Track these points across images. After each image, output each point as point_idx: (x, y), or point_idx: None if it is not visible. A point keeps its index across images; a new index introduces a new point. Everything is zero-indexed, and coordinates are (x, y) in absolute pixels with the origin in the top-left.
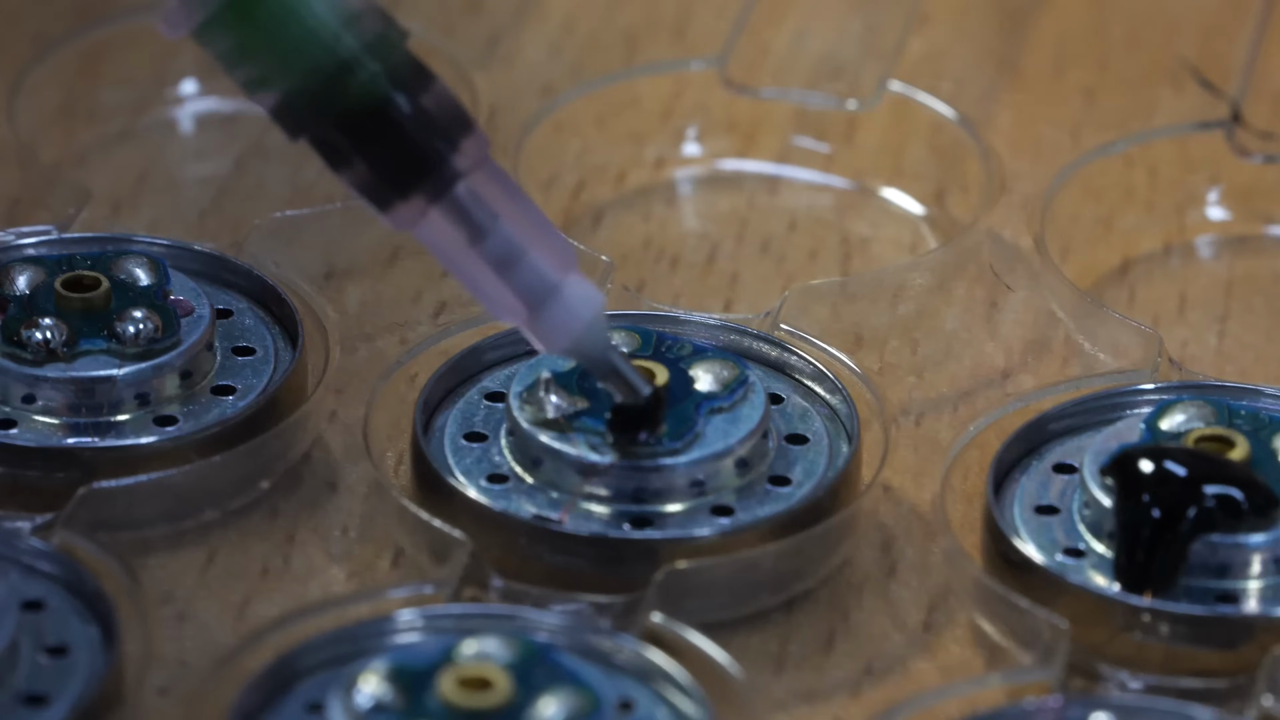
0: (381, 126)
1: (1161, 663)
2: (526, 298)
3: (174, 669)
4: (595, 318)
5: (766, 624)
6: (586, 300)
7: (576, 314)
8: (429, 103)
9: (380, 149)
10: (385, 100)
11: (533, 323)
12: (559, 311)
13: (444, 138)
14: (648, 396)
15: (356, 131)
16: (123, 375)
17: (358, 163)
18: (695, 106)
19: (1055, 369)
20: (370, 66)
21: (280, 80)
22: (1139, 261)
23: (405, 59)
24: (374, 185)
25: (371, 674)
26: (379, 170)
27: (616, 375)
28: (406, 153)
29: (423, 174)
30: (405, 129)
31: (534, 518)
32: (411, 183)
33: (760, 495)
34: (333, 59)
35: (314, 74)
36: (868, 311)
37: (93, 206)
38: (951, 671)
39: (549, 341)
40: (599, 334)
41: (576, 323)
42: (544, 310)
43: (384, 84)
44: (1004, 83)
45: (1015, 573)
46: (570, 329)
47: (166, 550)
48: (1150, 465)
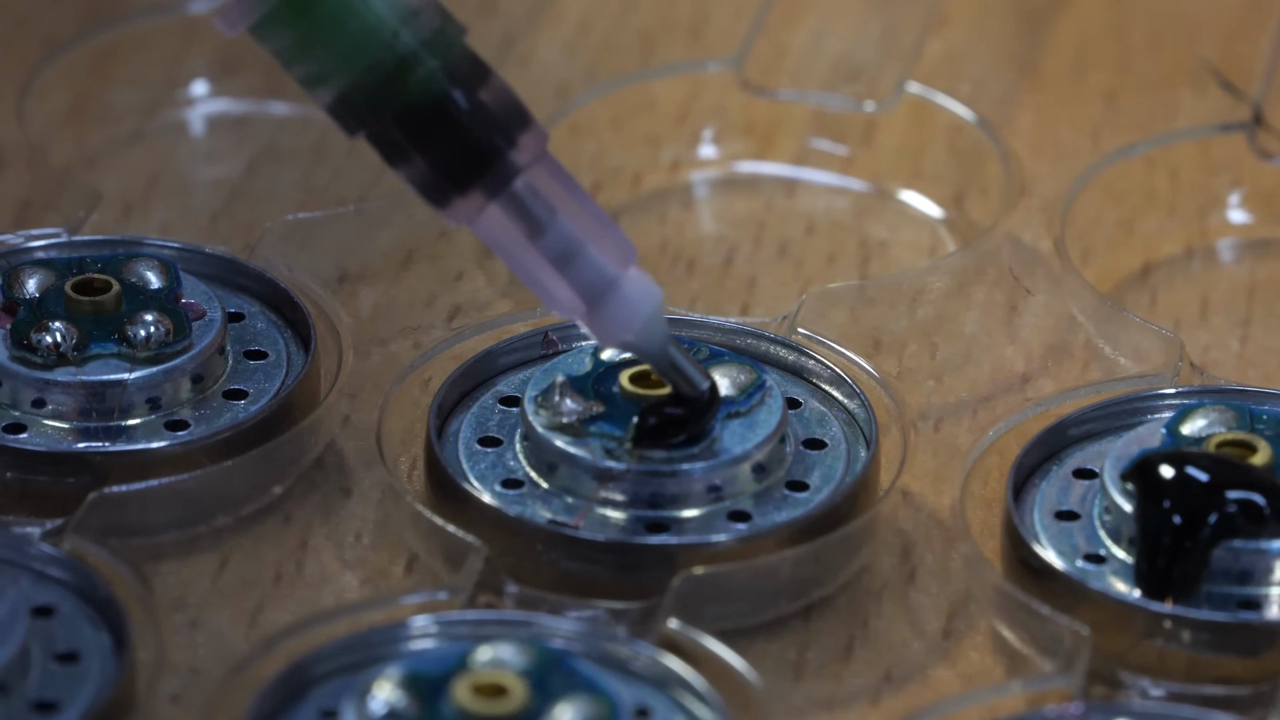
0: (440, 122)
1: (1184, 670)
2: (585, 292)
3: (186, 676)
4: (654, 312)
5: (785, 631)
6: (645, 294)
7: (636, 308)
8: (487, 98)
9: (439, 145)
10: (443, 96)
11: (591, 317)
12: (618, 306)
13: (502, 133)
14: (707, 390)
15: (415, 127)
16: (133, 379)
17: (416, 159)
18: (712, 108)
19: (1075, 373)
20: (428, 63)
21: (338, 77)
22: (1160, 265)
23: (463, 54)
24: (432, 181)
25: (385, 680)
26: (437, 166)
27: (675, 369)
28: (465, 148)
29: (481, 169)
30: (463, 124)
31: (549, 523)
32: (470, 178)
33: (778, 501)
34: (391, 55)
35: (372, 70)
36: (886, 315)
37: (103, 209)
38: (972, 679)
39: (608, 335)
40: (658, 328)
41: (636, 317)
42: (603, 305)
43: (442, 80)
44: (1024, 84)
45: (1035, 579)
46: (630, 323)
47: (178, 556)
48: (1171, 470)
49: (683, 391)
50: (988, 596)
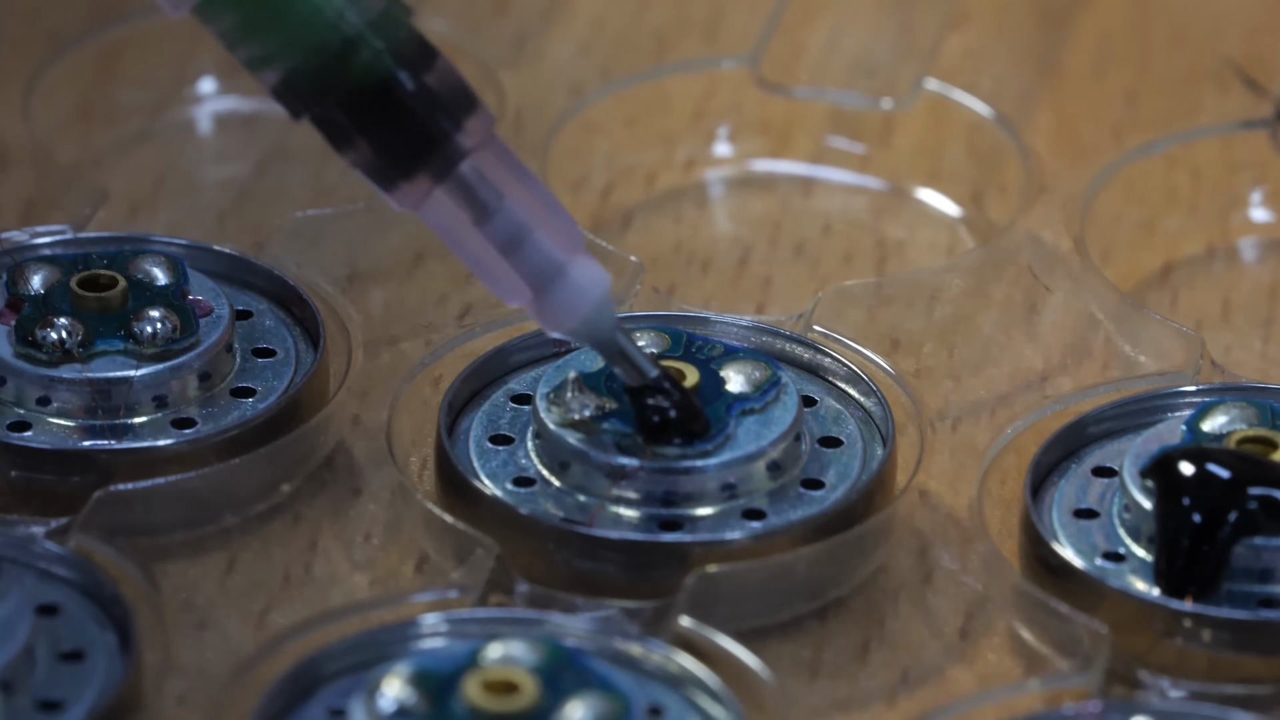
0: (385, 105)
1: (1204, 669)
2: (532, 278)
3: (193, 676)
4: (602, 298)
5: (800, 631)
6: (593, 280)
7: (584, 294)
8: (433, 80)
9: (384, 128)
10: (389, 78)
11: (538, 304)
12: (565, 292)
13: (448, 116)
14: (655, 378)
15: (360, 110)
16: (140, 376)
17: (361, 142)
18: (727, 106)
19: (1095, 372)
20: (373, 44)
21: (282, 58)
22: (1181, 265)
23: (409, 36)
24: (378, 165)
25: (394, 677)
26: (382, 150)
27: (623, 357)
28: (410, 131)
29: (427, 153)
30: (409, 107)
31: (561, 521)
32: (416, 162)
33: (793, 499)
34: (336, 36)
35: (316, 52)
36: (904, 314)
37: (110, 209)
38: (989, 680)
39: (555, 322)
40: (606, 315)
41: (583, 303)
42: (550, 291)
43: (387, 61)
44: (1044, 82)
45: (1054, 578)
46: (577, 309)
47: (186, 556)
48: (1191, 467)
49: (631, 381)
50: (1006, 596)
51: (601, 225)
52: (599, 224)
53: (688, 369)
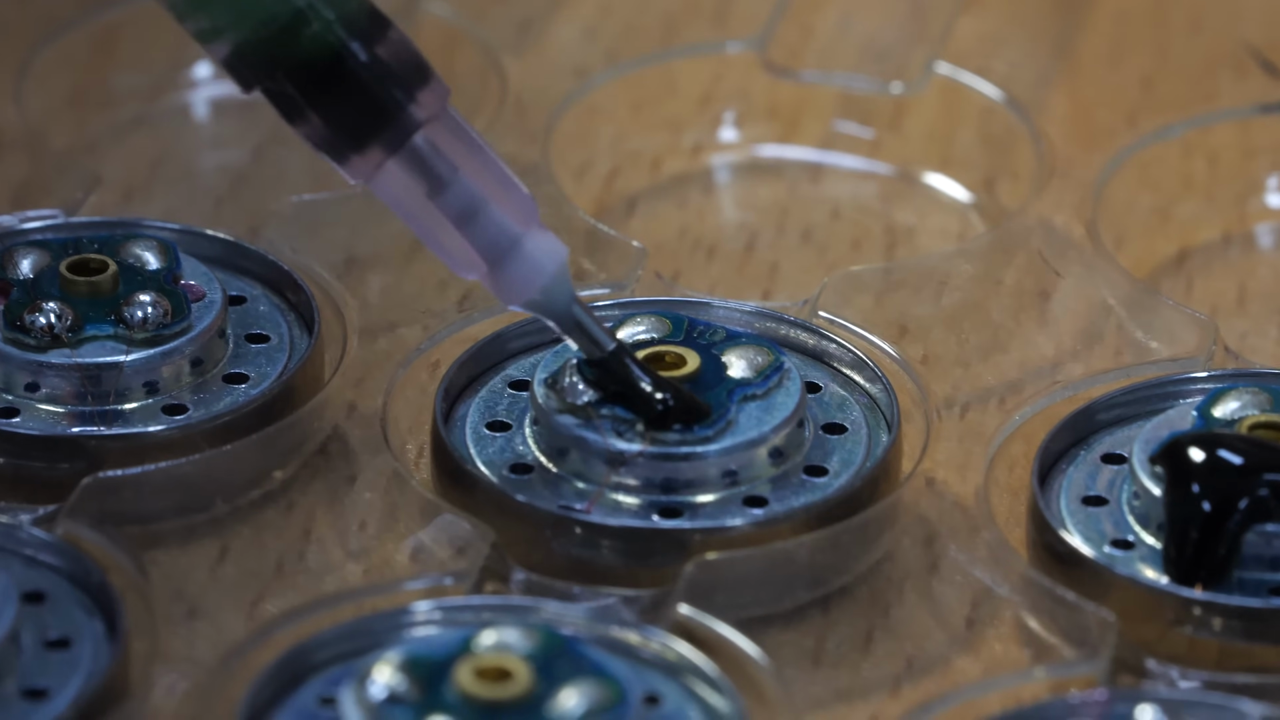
0: (336, 76)
1: (1214, 659)
2: (487, 251)
3: (182, 665)
4: (558, 270)
5: (802, 620)
6: (549, 253)
7: (539, 267)
8: (385, 51)
9: (335, 100)
10: (339, 49)
11: (494, 277)
12: (521, 265)
13: (401, 87)
14: (612, 351)
15: (310, 82)
16: (130, 362)
17: (312, 115)
18: (734, 90)
19: (1107, 358)
20: (324, 14)
21: (232, 30)
22: (1197, 252)
23: (360, 6)
24: (329, 137)
25: (385, 664)
26: (334, 122)
27: (580, 330)
28: (362, 103)
29: (379, 125)
30: (360, 79)
31: (559, 508)
32: (368, 134)
33: (795, 485)
34: (285, 7)
35: (266, 24)
36: (912, 300)
37: (103, 194)
38: (995, 669)
39: (510, 295)
40: (562, 287)
41: (539, 276)
42: (505, 264)
43: (338, 32)
44: (1058, 66)
45: (1061, 566)
46: (532, 282)
47: (176, 544)
48: (1202, 453)
49: (589, 354)
50: (1013, 585)
51: (606, 211)
52: (603, 210)
53: (688, 354)
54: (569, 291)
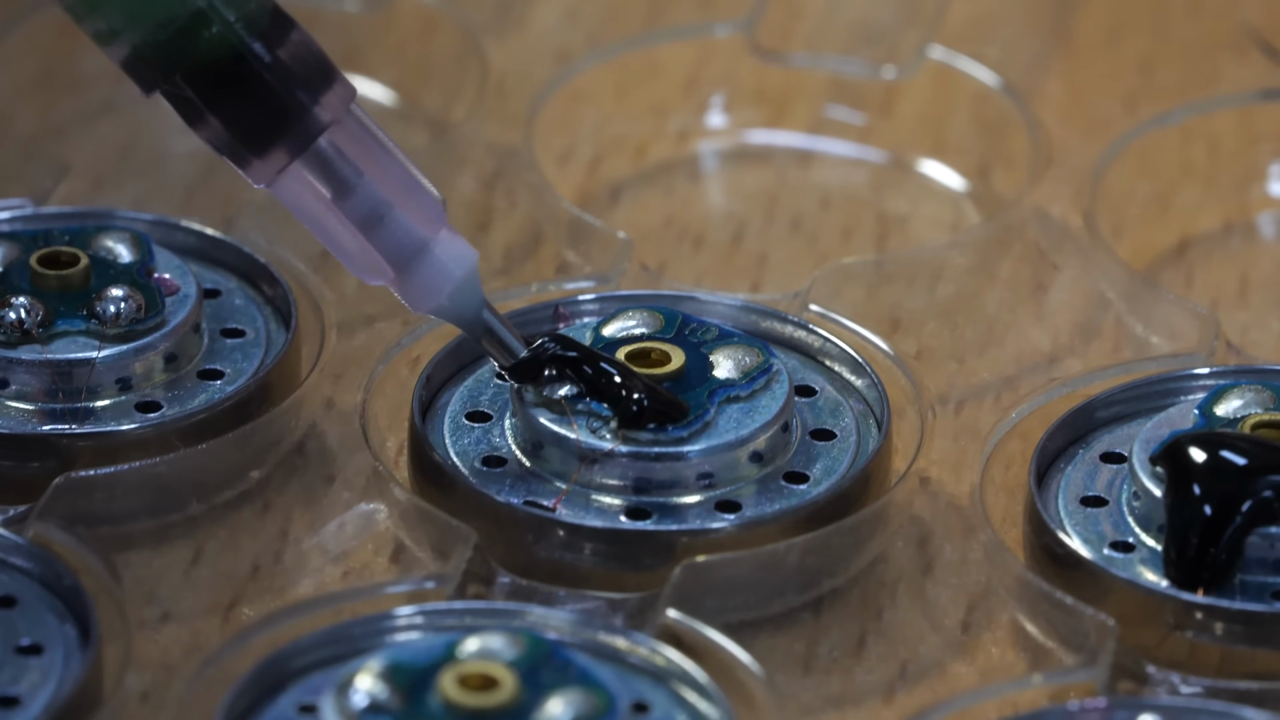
0: (237, 79)
1: (1216, 664)
2: (393, 257)
3: (156, 671)
4: (467, 275)
5: (793, 624)
6: (458, 257)
7: (447, 273)
8: (288, 53)
9: (236, 103)
10: (241, 51)
11: (401, 283)
12: (428, 270)
13: (305, 89)
14: (524, 357)
15: (211, 85)
16: (102, 358)
17: (212, 118)
18: (721, 75)
19: (1105, 354)
20: (224, 15)
21: (130, 32)
22: (1197, 241)
23: (262, 6)
24: (230, 141)
25: (367, 672)
26: (235, 125)
27: (492, 336)
28: (264, 106)
29: (282, 128)
30: (262, 80)
31: (524, 503)
32: (270, 138)
33: (773, 492)
34: (184, 7)
35: (165, 25)
36: (905, 292)
37: (71, 181)
38: (991, 675)
39: (418, 301)
40: (471, 292)
41: (446, 281)
42: (412, 269)
43: (239, 33)
44: (1054, 49)
45: (1059, 568)
46: (440, 288)
47: (149, 545)
48: (1204, 453)
49: (500, 362)
50: (1009, 587)
51: (589, 199)
52: (586, 198)
53: (674, 351)
54: (479, 297)
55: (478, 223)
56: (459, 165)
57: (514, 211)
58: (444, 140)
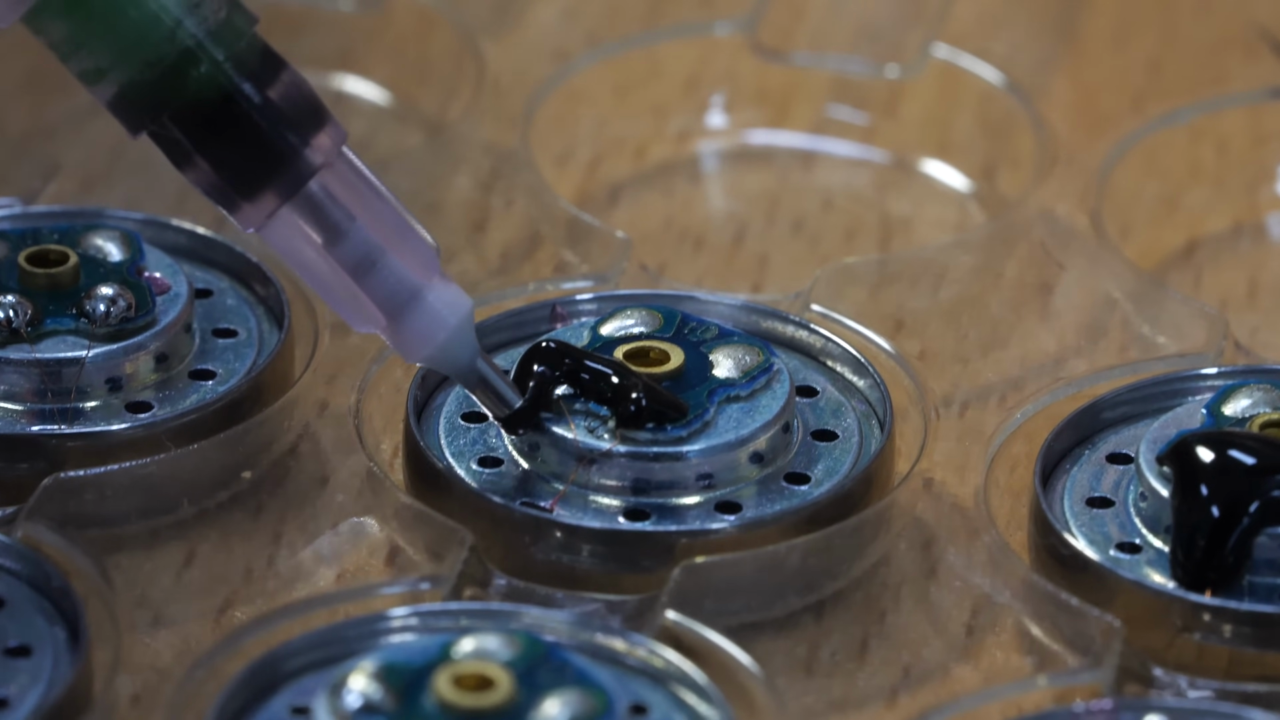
0: (226, 120)
1: (1224, 667)
2: (386, 304)
3: (146, 674)
4: (461, 323)
5: (794, 627)
6: (451, 305)
7: (440, 321)
8: (278, 93)
9: (225, 145)
10: (230, 91)
11: (393, 331)
12: (420, 318)
13: (295, 131)
14: (518, 410)
15: (199, 126)
16: (92, 357)
17: (200, 160)
18: (722, 74)
19: (1111, 354)
20: (213, 54)
21: (116, 71)
22: (1206, 243)
23: (252, 46)
24: (218, 184)
25: (360, 672)
26: (224, 168)
27: (485, 386)
28: (254, 148)
29: (272, 171)
30: (252, 122)
31: (521, 504)
32: (259, 181)
33: (774, 493)
34: (172, 47)
35: (152, 65)
36: (908, 293)
37: (62, 182)
38: (996, 678)
39: (410, 350)
40: (465, 342)
41: (440, 330)
42: (404, 317)
43: (229, 74)
44: (1060, 48)
45: (1065, 570)
46: (433, 336)
47: (140, 548)
48: (1211, 453)
49: (494, 413)
50: (1014, 590)
51: (588, 200)
52: (585, 199)
53: (673, 350)
54: (473, 346)
55: (474, 223)
56: (455, 166)
57: (511, 212)
58: (440, 140)
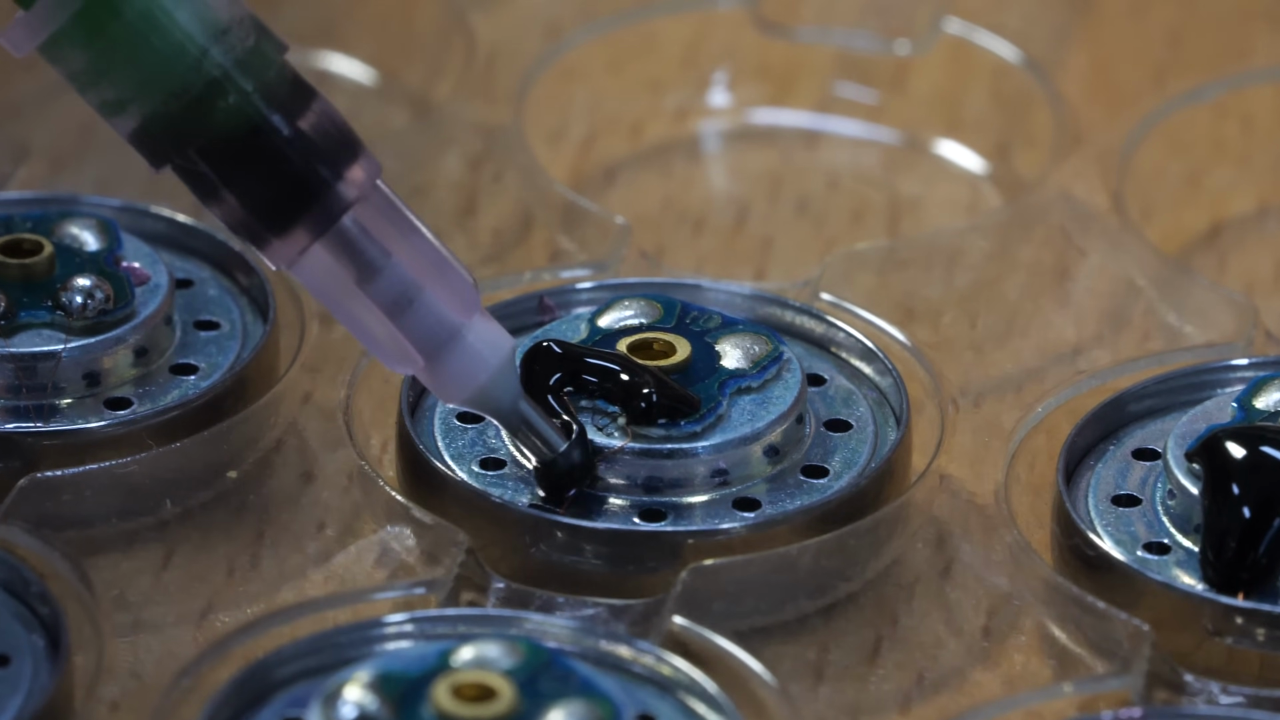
0: (255, 153)
1: (1256, 672)
2: (423, 344)
3: (127, 681)
4: (503, 364)
5: (804, 631)
6: (493, 345)
7: (481, 360)
8: (310, 124)
9: (254, 179)
10: (258, 123)
11: (431, 372)
12: (460, 358)
13: (327, 164)
14: (565, 452)
15: (226, 159)
16: (68, 351)
17: (228, 195)
18: (723, 49)
19: (1135, 344)
20: (241, 85)
21: (139, 103)
22: (1231, 224)
23: (281, 75)
24: (247, 220)
25: (355, 682)
26: (253, 203)
27: (528, 428)
28: (284, 183)
29: (303, 206)
30: (282, 155)
31: (530, 506)
32: (290, 217)
33: (791, 487)
34: (198, 77)
35: (177, 96)
36: (920, 280)
37: (30, 164)
38: (1016, 684)
39: (450, 392)
40: (507, 383)
41: (481, 370)
42: (443, 357)
43: (257, 105)
44: (1078, 21)
45: (1089, 571)
46: (473, 378)
47: (119, 549)
48: (1243, 449)
49: (537, 457)
50: (1035, 591)
51: (582, 181)
52: (579, 180)
53: (679, 342)
54: (515, 387)
55: (464, 207)
56: (444, 146)
57: (502, 195)
58: (428, 120)
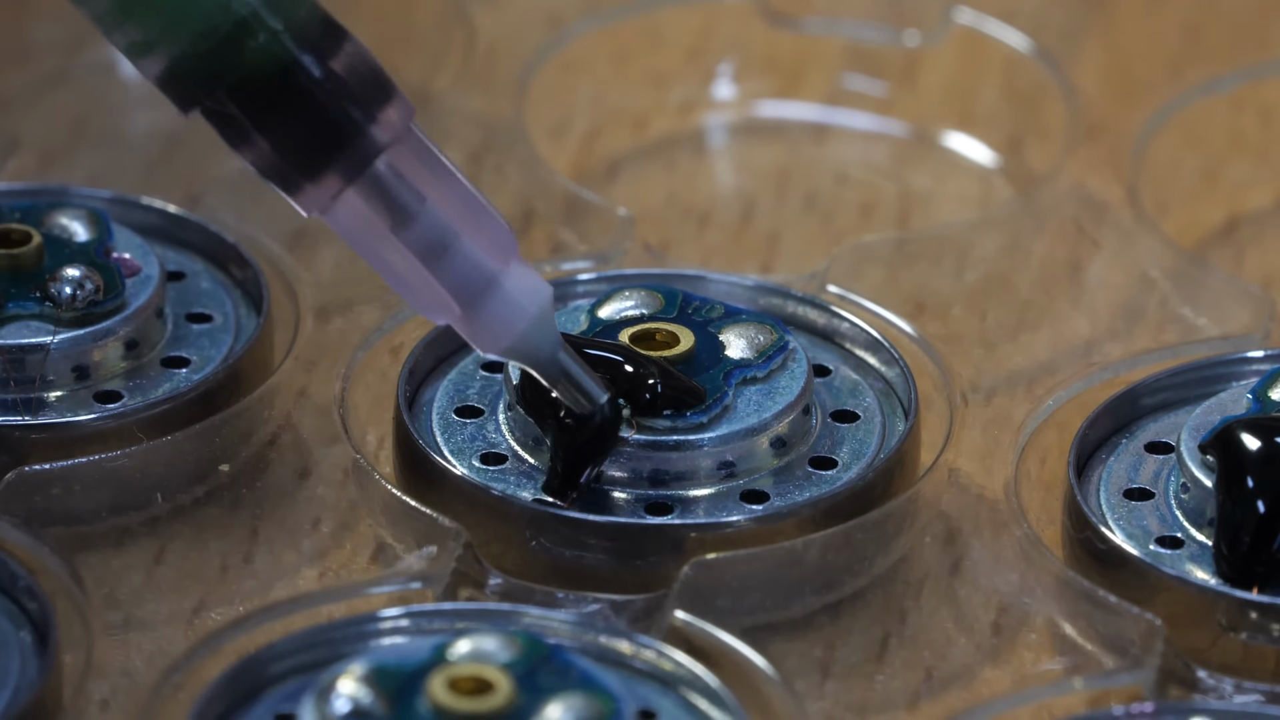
0: (285, 95)
1: (1271, 668)
2: (459, 292)
3: (117, 679)
4: (541, 312)
5: (810, 627)
6: (531, 292)
7: (519, 309)
8: (342, 65)
9: (285, 122)
10: (289, 64)
11: (468, 321)
12: (498, 306)
13: (360, 106)
14: (604, 404)
15: (256, 102)
16: (57, 344)
17: (259, 139)
18: (729, 41)
19: (1149, 337)
20: (271, 24)
21: (166, 44)
22: (1248, 218)
23: (312, 15)
24: (279, 165)
25: (349, 676)
26: (284, 147)
27: (568, 380)
28: (316, 125)
29: (336, 150)
30: (313, 97)
31: (534, 502)
32: (322, 160)
33: (799, 479)
34: (227, 17)
35: (205, 36)
36: (930, 273)
37: (21, 158)
38: (1026, 680)
39: (488, 341)
40: (546, 332)
41: (519, 319)
42: (480, 306)
43: (287, 45)
44: (1092, 11)
45: (1101, 566)
46: (512, 326)
47: (110, 545)
48: (1257, 441)
49: (577, 408)
50: (1046, 587)
51: (585, 175)
52: (582, 173)
53: (682, 332)
54: (554, 337)
55: None
56: (444, 139)
57: (504, 188)
58: (427, 112)
